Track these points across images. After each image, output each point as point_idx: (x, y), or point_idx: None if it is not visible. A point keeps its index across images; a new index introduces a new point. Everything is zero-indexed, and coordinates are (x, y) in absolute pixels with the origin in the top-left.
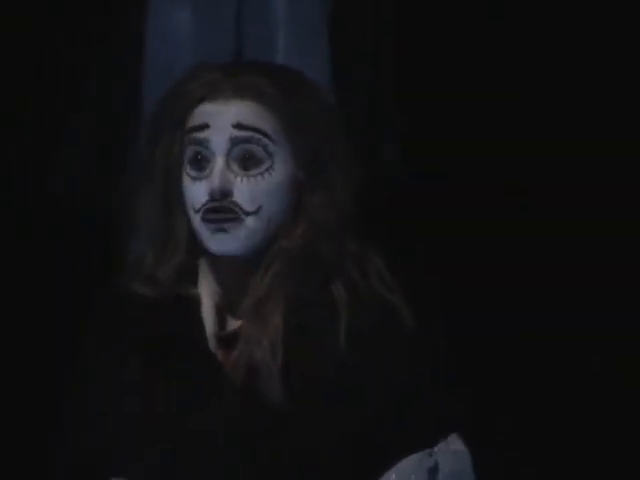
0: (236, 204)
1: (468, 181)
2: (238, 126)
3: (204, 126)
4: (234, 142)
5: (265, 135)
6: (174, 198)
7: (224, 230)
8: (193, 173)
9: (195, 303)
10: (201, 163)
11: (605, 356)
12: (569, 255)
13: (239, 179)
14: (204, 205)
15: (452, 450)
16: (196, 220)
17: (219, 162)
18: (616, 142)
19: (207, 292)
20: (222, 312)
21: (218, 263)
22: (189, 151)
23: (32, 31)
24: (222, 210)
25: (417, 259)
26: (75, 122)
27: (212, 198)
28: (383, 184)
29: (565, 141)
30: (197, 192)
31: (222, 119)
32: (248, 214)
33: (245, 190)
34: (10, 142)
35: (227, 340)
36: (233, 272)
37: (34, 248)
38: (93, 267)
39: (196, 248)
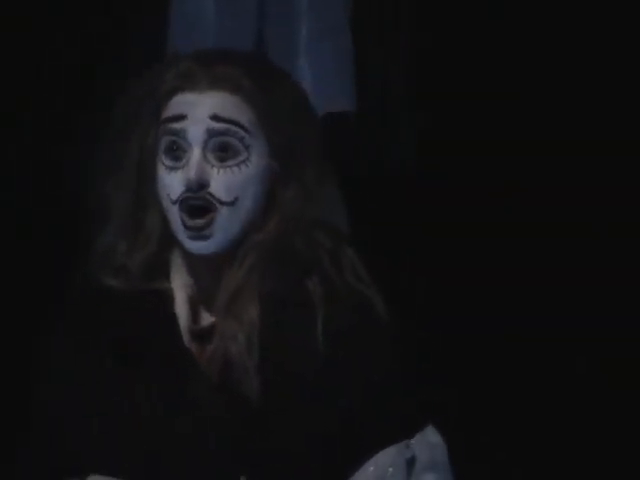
0: (212, 195)
1: (484, 181)
2: (215, 118)
3: (181, 117)
4: (211, 134)
5: (242, 127)
6: (147, 188)
7: (202, 238)
8: (169, 163)
9: (168, 297)
10: (177, 153)
11: (589, 357)
12: (574, 257)
13: (215, 170)
14: (181, 196)
15: (429, 442)
16: (172, 212)
17: (196, 153)
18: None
19: (180, 285)
20: (196, 306)
21: (191, 256)
22: (164, 141)
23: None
24: (198, 208)
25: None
26: (92, 119)
27: (188, 189)
28: (397, 182)
29: (586, 141)
30: (173, 182)
31: (199, 110)
32: (224, 204)
33: (221, 181)
34: (23, 140)
35: (201, 335)
36: (207, 266)
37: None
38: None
39: (169, 239)
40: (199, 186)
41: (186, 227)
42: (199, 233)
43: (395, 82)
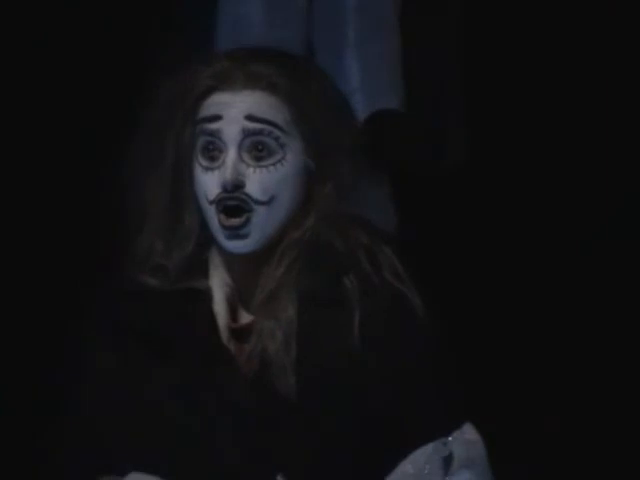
0: (248, 195)
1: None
2: (250, 118)
3: (216, 117)
4: (246, 134)
5: (277, 127)
6: (184, 188)
7: (239, 237)
8: (205, 163)
9: (206, 296)
10: (213, 153)
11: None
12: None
13: (251, 170)
14: (217, 197)
15: (466, 439)
16: (209, 213)
17: (231, 153)
18: None
19: (218, 284)
20: (234, 305)
21: (229, 255)
22: (200, 141)
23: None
24: (234, 209)
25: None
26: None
27: (224, 190)
28: (446, 169)
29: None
30: (209, 182)
31: (234, 110)
32: (260, 204)
33: (257, 181)
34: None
35: (240, 333)
36: (245, 265)
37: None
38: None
39: (207, 238)
40: (234, 187)
41: (223, 227)
42: (236, 232)
43: (444, 81)
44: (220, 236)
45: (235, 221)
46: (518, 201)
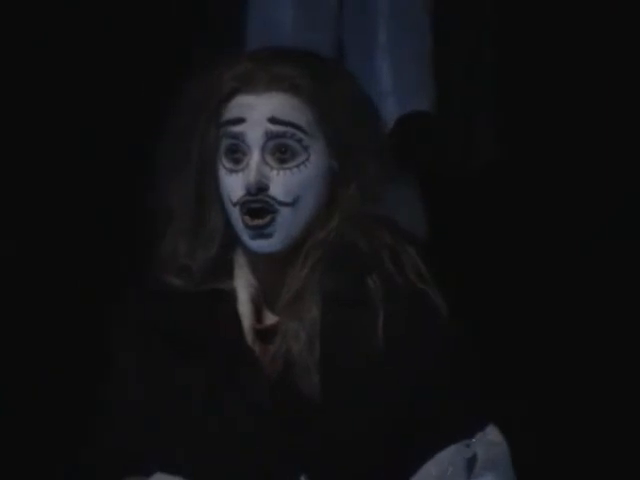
0: (272, 197)
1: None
2: (273, 120)
3: (239, 120)
4: (269, 136)
5: (300, 129)
6: (208, 188)
7: (264, 236)
8: (229, 165)
9: (231, 297)
10: (237, 155)
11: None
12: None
13: (275, 172)
14: (241, 199)
15: (489, 441)
16: (234, 215)
17: (255, 156)
18: None
19: (243, 285)
20: (259, 306)
21: (254, 256)
22: (224, 143)
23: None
24: (258, 210)
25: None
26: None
27: (248, 192)
28: (477, 168)
29: None
30: (234, 185)
31: (257, 112)
32: (284, 205)
33: (281, 183)
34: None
35: (265, 334)
36: (270, 266)
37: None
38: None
39: (231, 239)
40: (258, 190)
41: (247, 227)
42: (260, 232)
43: (475, 80)
44: (245, 236)
45: (259, 221)
46: (548, 201)
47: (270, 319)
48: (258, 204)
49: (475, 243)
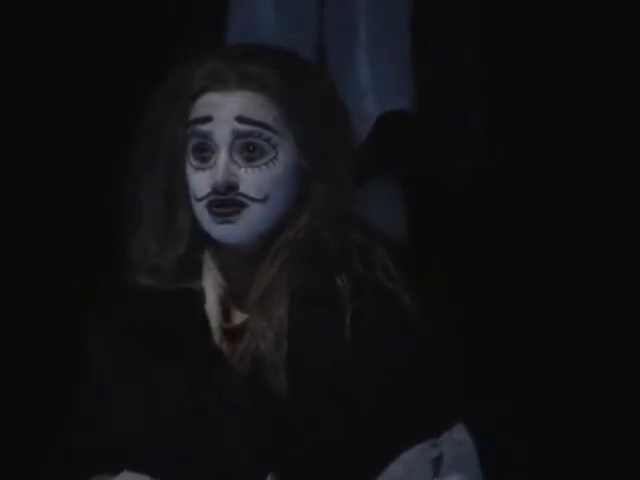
0: (244, 195)
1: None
2: (240, 119)
3: (207, 119)
4: (237, 135)
5: (268, 128)
6: (177, 187)
7: (230, 222)
8: (196, 163)
9: (199, 296)
10: (204, 154)
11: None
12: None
13: (243, 170)
14: (207, 196)
15: (456, 440)
16: (198, 208)
17: (222, 155)
18: None
19: (212, 285)
20: (227, 305)
21: (223, 255)
22: (192, 142)
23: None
24: (226, 204)
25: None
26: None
27: (215, 191)
28: (462, 169)
29: None
30: (199, 182)
31: (225, 111)
32: (255, 201)
33: (251, 180)
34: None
35: (233, 333)
36: (238, 264)
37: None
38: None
39: (200, 238)
40: (226, 188)
41: (213, 214)
42: (226, 219)
43: (460, 80)
44: (210, 225)
45: (225, 210)
46: (535, 202)
47: (239, 318)
48: (227, 203)
49: (462, 245)
